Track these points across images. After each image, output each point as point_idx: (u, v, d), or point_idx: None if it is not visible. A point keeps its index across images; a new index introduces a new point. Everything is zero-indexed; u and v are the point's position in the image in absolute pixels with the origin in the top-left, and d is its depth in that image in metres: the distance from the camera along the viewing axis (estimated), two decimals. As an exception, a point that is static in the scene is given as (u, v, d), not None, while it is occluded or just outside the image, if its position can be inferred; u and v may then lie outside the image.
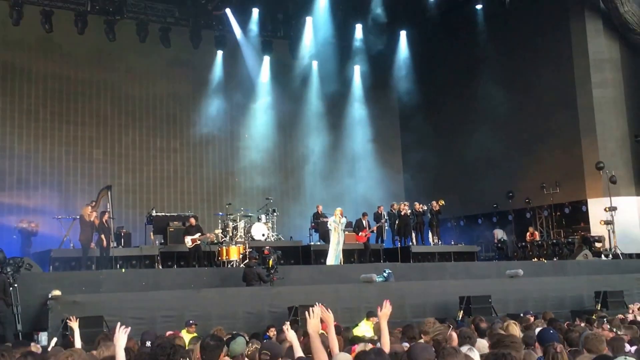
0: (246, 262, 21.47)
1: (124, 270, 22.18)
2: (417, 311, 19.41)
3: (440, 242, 29.90)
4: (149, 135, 34.43)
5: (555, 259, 29.25)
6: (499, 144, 34.13)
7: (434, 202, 29.52)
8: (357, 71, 38.62)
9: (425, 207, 29.30)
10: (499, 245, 32.60)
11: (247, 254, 22.61)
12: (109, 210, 23.90)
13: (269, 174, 36.84)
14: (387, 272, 22.05)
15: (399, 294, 20.48)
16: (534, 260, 29.14)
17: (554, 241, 31.28)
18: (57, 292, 16.46)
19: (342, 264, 24.99)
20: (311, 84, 37.44)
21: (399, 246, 28.42)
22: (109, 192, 24.92)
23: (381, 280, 21.42)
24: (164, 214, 27.51)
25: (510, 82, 34.03)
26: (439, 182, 35.57)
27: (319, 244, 27.33)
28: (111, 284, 19.45)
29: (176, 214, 27.73)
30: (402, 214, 28.61)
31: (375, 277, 21.17)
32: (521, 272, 23.03)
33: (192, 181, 35.06)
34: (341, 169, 37.51)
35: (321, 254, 26.02)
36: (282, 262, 22.40)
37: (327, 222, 26.05)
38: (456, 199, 33.07)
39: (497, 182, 33.92)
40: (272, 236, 27.59)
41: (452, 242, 31.28)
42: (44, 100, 32.14)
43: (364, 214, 27.62)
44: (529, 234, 31.96)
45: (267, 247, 21.90)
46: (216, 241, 25.18)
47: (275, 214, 28.60)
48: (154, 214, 27.09)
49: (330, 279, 22.29)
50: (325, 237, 26.24)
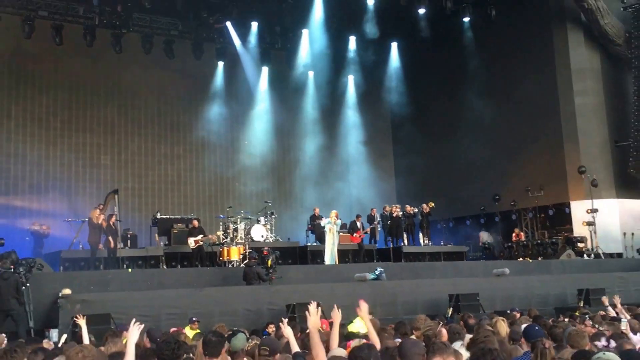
0: (246, 262, 21.45)
1: (130, 270, 22.22)
2: (409, 308, 19.44)
3: (430, 243, 29.84)
4: (153, 142, 34.42)
5: (539, 259, 29.27)
6: (485, 149, 34.24)
7: (424, 205, 29.49)
8: (350, 80, 38.67)
9: (415, 210, 29.23)
10: (486, 245, 32.63)
11: (247, 254, 22.64)
12: (116, 213, 23.95)
13: (267, 179, 36.86)
14: (378, 270, 22.04)
15: (391, 292, 20.53)
16: (519, 259, 29.14)
17: (539, 241, 31.29)
18: (67, 291, 16.46)
19: (338, 263, 24.92)
20: (307, 93, 37.44)
21: (391, 247, 28.34)
22: (116, 196, 25.00)
23: (373, 277, 21.41)
24: (168, 217, 27.56)
25: (496, 91, 34.10)
26: (429, 186, 35.51)
27: (315, 244, 27.25)
28: (118, 283, 19.46)
29: (180, 217, 27.77)
30: (393, 215, 28.56)
31: (368, 275, 21.21)
32: (507, 271, 23.05)
33: (194, 185, 35.05)
34: (336, 173, 37.46)
35: (317, 255, 26.06)
36: (280, 262, 22.48)
37: (321, 223, 26.10)
38: (445, 202, 33.00)
39: (484, 186, 34.05)
40: (271, 237, 27.54)
41: (442, 243, 31.20)
42: (54, 109, 32.15)
43: (358, 216, 27.68)
44: (514, 234, 31.97)
45: (266, 247, 21.87)
46: (218, 242, 25.25)
47: (273, 216, 28.53)
48: (159, 216, 27.16)
49: (326, 278, 22.30)
50: (321, 238, 26.18)
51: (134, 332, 7.23)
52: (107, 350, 8.63)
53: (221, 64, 35.96)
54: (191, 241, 24.15)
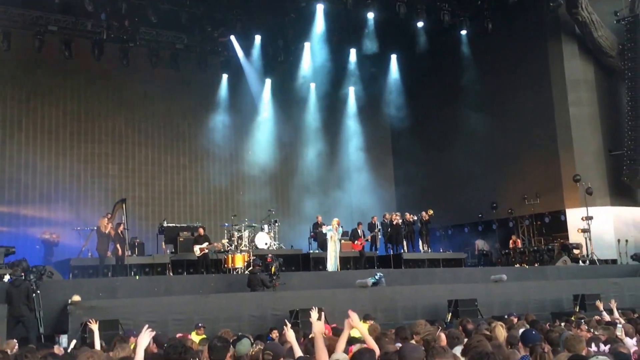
0: (250, 269, 21.44)
1: (137, 277, 22.20)
2: (409, 314, 19.41)
3: (429, 250, 29.84)
4: (160, 152, 34.46)
5: (536, 265, 29.29)
6: (483, 158, 34.30)
7: (424, 213, 29.50)
8: (351, 92, 38.72)
9: (415, 217, 29.24)
10: (483, 252, 32.61)
11: (251, 261, 22.62)
12: (123, 221, 23.95)
13: (270, 187, 36.91)
14: (378, 274, 22.01)
15: (391, 297, 20.52)
16: (516, 266, 29.13)
17: (535, 248, 31.29)
18: (76, 298, 16.46)
19: (339, 270, 24.89)
20: (309, 104, 37.49)
21: (392, 253, 28.31)
22: (124, 205, 24.99)
23: (373, 281, 21.38)
24: (174, 225, 27.51)
25: (492, 101, 34.14)
26: (428, 194, 35.52)
27: (318, 252, 27.23)
28: (126, 290, 19.45)
29: (186, 225, 27.76)
30: (394, 223, 28.56)
31: (369, 281, 21.19)
32: (505, 277, 23.05)
33: (200, 194, 35.07)
34: (337, 182, 37.50)
35: (319, 262, 26.04)
36: (283, 269, 22.46)
37: (323, 230, 26.10)
38: (444, 210, 32.99)
39: (481, 194, 34.06)
40: (274, 245, 27.58)
41: (441, 250, 31.32)
42: (63, 121, 32.21)
43: (359, 223, 27.67)
44: (511, 241, 32.01)
45: (270, 255, 21.85)
46: (223, 250, 25.13)
47: (276, 224, 28.59)
48: (165, 225, 27.13)
49: (328, 284, 22.33)
50: (323, 245, 26.15)
51: (145, 338, 7.23)
52: (115, 355, 8.62)
53: (225, 76, 36.08)
54: (197, 249, 24.10)
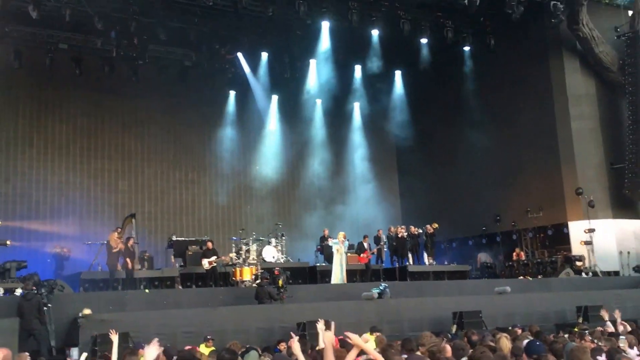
0: (258, 282, 21.45)
1: (147, 290, 22.17)
2: (414, 326, 19.32)
3: (434, 262, 29.79)
4: (169, 167, 34.49)
5: (539, 277, 29.09)
6: (486, 172, 34.21)
7: (428, 226, 29.54)
8: (356, 107, 38.69)
9: (420, 230, 29.30)
10: (487, 265, 32.54)
11: (259, 274, 22.59)
12: (133, 236, 24.00)
13: (277, 201, 36.95)
14: (383, 285, 21.97)
15: (397, 310, 20.47)
16: (520, 278, 28.92)
17: (539, 260, 31.11)
18: (87, 311, 16.45)
19: (346, 282, 24.89)
20: (315, 120, 37.51)
21: (397, 266, 28.33)
22: (134, 220, 25.06)
23: (378, 291, 21.31)
24: (183, 239, 27.59)
25: (495, 116, 34.07)
26: (432, 207, 35.48)
27: (324, 265, 27.21)
28: (136, 303, 19.44)
29: (194, 239, 27.73)
30: (399, 236, 28.57)
31: (375, 292, 21.14)
32: (509, 289, 22.96)
33: (208, 209, 35.05)
34: (343, 196, 37.38)
35: (326, 274, 25.96)
36: (290, 281, 22.48)
37: (329, 243, 26.11)
38: (449, 223, 32.91)
39: (485, 207, 33.97)
40: (282, 258, 27.62)
41: (446, 262, 31.24)
42: (74, 136, 32.25)
43: (365, 236, 27.68)
44: (515, 254, 31.90)
45: (277, 268, 21.89)
46: (231, 263, 25.15)
47: (284, 237, 28.59)
48: (174, 239, 27.25)
49: (334, 296, 22.22)
50: (330, 258, 26.13)
51: (152, 350, 7.21)
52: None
53: (233, 93, 36.13)
54: (205, 262, 24.09)
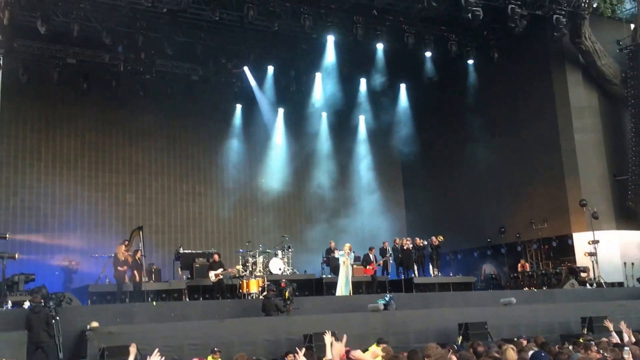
0: (265, 294, 21.38)
1: (154, 303, 22.08)
2: (420, 337, 19.23)
3: (439, 274, 29.77)
4: (176, 180, 34.57)
5: (544, 288, 29.02)
6: (491, 184, 34.23)
7: (434, 238, 29.47)
8: (361, 120, 38.83)
9: (425, 242, 29.22)
10: (492, 276, 32.46)
11: (266, 286, 22.62)
12: (141, 248, 23.88)
13: (283, 214, 37.05)
14: (388, 296, 21.89)
15: (403, 321, 20.38)
16: (525, 289, 28.86)
17: (543, 272, 31.06)
18: (94, 324, 16.39)
19: (352, 294, 24.79)
20: (321, 132, 37.60)
21: (403, 278, 28.25)
22: (141, 233, 24.94)
23: (383, 303, 21.23)
24: (190, 252, 27.55)
25: (499, 128, 34.07)
26: (437, 219, 35.44)
27: (330, 276, 27.15)
28: (143, 315, 19.36)
29: (201, 252, 27.72)
30: (404, 248, 28.59)
31: (381, 304, 21.05)
32: (514, 300, 22.88)
33: (215, 221, 35.07)
34: (348, 208, 37.41)
35: (332, 286, 25.83)
36: (297, 293, 22.42)
37: (335, 255, 26.08)
38: (454, 234, 32.77)
39: (490, 219, 33.96)
40: (288, 270, 27.51)
41: (451, 274, 31.13)
42: (82, 150, 32.33)
43: (371, 248, 27.45)
44: (520, 265, 31.76)
45: (284, 280, 21.86)
46: (237, 275, 25.14)
47: (290, 250, 28.49)
48: (182, 251, 27.20)
49: (341, 308, 22.13)
50: (336, 270, 26.05)
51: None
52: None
53: (239, 106, 36.22)
54: (212, 275, 24.02)
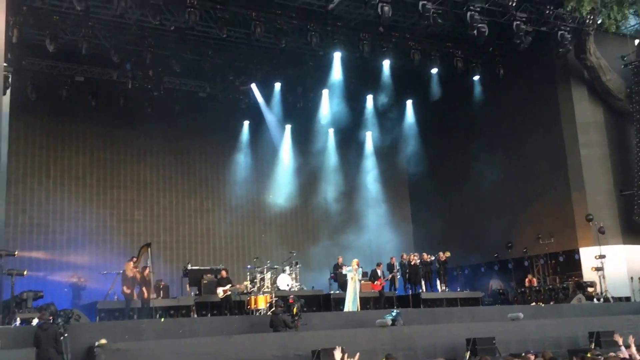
0: (273, 310, 21.18)
1: (163, 319, 21.96)
2: (428, 352, 19.11)
3: (447, 289, 29.70)
4: (184, 197, 34.60)
5: (552, 303, 28.87)
6: (497, 199, 34.13)
7: (441, 253, 29.40)
8: (368, 136, 38.90)
9: (432, 258, 29.11)
10: (499, 291, 32.35)
11: (274, 302, 22.45)
12: (149, 265, 23.81)
13: (291, 230, 37.04)
14: (395, 312, 21.77)
15: (411, 337, 20.22)
16: (532, 304, 28.73)
17: (550, 287, 30.93)
18: (103, 341, 16.28)
19: (360, 310, 24.67)
20: (328, 149, 37.65)
21: (410, 293, 28.12)
22: (149, 249, 24.86)
23: (391, 318, 21.11)
24: (198, 268, 27.48)
25: (505, 144, 33.99)
26: (444, 234, 35.40)
27: (338, 292, 27.01)
28: (151, 332, 19.24)
29: (209, 268, 27.61)
30: (412, 264, 28.51)
31: (389, 319, 20.93)
32: (521, 315, 22.73)
33: (223, 238, 35.03)
34: (356, 224, 37.19)
35: (340, 302, 25.68)
36: (305, 309, 22.29)
37: (343, 271, 26.00)
38: (461, 250, 32.75)
39: (497, 234, 33.76)
40: (296, 286, 27.41)
41: (458, 289, 31.09)
42: (90, 167, 32.37)
43: (379, 264, 27.40)
44: (527, 280, 31.65)
45: (292, 296, 21.81)
46: (245, 291, 25.10)
47: (298, 265, 28.44)
48: (190, 267, 27.16)
49: (349, 324, 21.96)
50: (343, 286, 25.98)
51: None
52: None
53: (247, 123, 36.32)
54: (220, 291, 24.00)
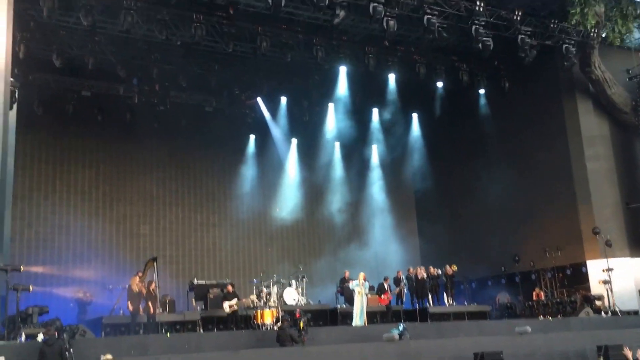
0: (279, 324, 21.06)
1: (168, 334, 21.82)
2: (436, 367, 18.96)
3: (454, 303, 29.51)
4: (190, 211, 34.48)
5: (559, 317, 28.63)
6: (504, 212, 33.90)
7: (448, 267, 29.35)
8: (374, 149, 38.81)
9: (439, 271, 29.03)
10: (507, 305, 32.15)
11: (280, 317, 22.31)
12: (155, 279, 23.72)
13: (297, 243, 36.99)
14: (401, 326, 21.58)
15: (418, 351, 19.98)
16: (540, 318, 28.48)
17: (558, 300, 30.68)
18: (108, 356, 16.11)
19: (367, 324, 24.49)
20: (334, 162, 37.60)
21: (417, 307, 27.98)
22: (155, 263, 24.79)
23: (397, 332, 20.92)
24: (204, 282, 27.38)
25: (511, 158, 33.79)
26: (451, 248, 35.20)
27: (345, 306, 26.85)
28: (157, 347, 19.10)
29: (215, 282, 27.48)
30: (418, 277, 28.43)
31: (396, 333, 20.74)
32: (529, 329, 22.50)
33: (229, 252, 34.89)
34: (362, 237, 37.07)
35: (347, 316, 25.55)
36: (311, 324, 22.08)
37: (350, 285, 25.83)
38: (467, 263, 32.61)
39: (503, 247, 33.59)
40: (302, 300, 27.33)
41: (465, 303, 30.87)
42: (96, 182, 32.26)
43: (386, 278, 27.36)
44: (534, 294, 31.42)
45: (298, 310, 21.58)
46: (252, 306, 24.93)
47: (304, 280, 28.35)
48: (196, 282, 27.11)
49: (355, 338, 21.79)
50: (350, 300, 25.86)
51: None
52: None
53: (253, 137, 36.28)
54: (226, 305, 23.86)
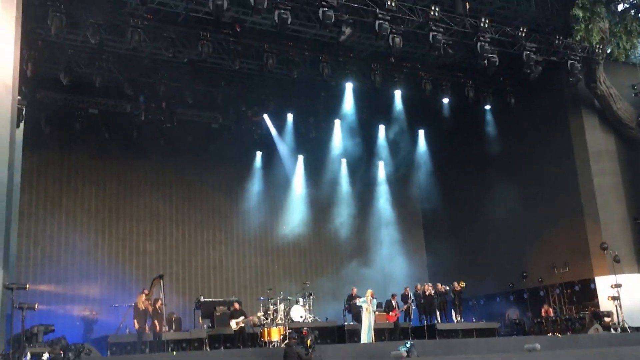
0: (286, 342, 20.94)
1: (175, 353, 21.58)
2: (445, 385, 18.70)
3: (462, 320, 29.24)
4: (196, 228, 34.28)
5: (568, 333, 28.37)
6: (511, 229, 33.67)
7: (456, 283, 29.13)
8: (381, 166, 38.65)
9: (447, 288, 28.79)
10: (516, 322, 31.91)
11: (287, 334, 22.21)
12: (161, 297, 23.53)
13: (304, 260, 36.77)
14: (409, 343, 21.32)
15: (427, 369, 19.83)
16: (549, 335, 28.25)
17: (567, 317, 30.38)
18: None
19: (374, 341, 24.24)
20: (340, 179, 37.46)
21: (425, 324, 27.65)
22: (161, 281, 24.59)
23: (404, 349, 20.66)
24: (211, 300, 27.25)
25: (518, 173, 33.61)
26: (459, 264, 34.94)
27: (352, 324, 26.61)
28: (164, 366, 18.91)
29: (222, 300, 27.36)
30: (426, 294, 28.20)
31: (403, 351, 20.48)
32: (538, 346, 22.17)
33: (235, 269, 34.66)
34: (369, 254, 36.88)
35: (354, 334, 25.33)
36: (319, 341, 21.99)
37: (357, 302, 25.63)
38: (475, 280, 32.38)
39: (511, 264, 33.38)
40: (310, 317, 27.11)
41: (474, 320, 30.64)
42: (102, 199, 32.04)
43: (393, 295, 27.22)
44: (543, 310, 31.15)
45: (305, 327, 21.58)
46: (259, 323, 24.77)
47: (311, 297, 28.16)
48: (202, 300, 26.94)
49: (363, 355, 21.59)
50: (358, 317, 25.66)
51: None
52: None
53: (259, 154, 36.11)
54: (233, 323, 23.73)
